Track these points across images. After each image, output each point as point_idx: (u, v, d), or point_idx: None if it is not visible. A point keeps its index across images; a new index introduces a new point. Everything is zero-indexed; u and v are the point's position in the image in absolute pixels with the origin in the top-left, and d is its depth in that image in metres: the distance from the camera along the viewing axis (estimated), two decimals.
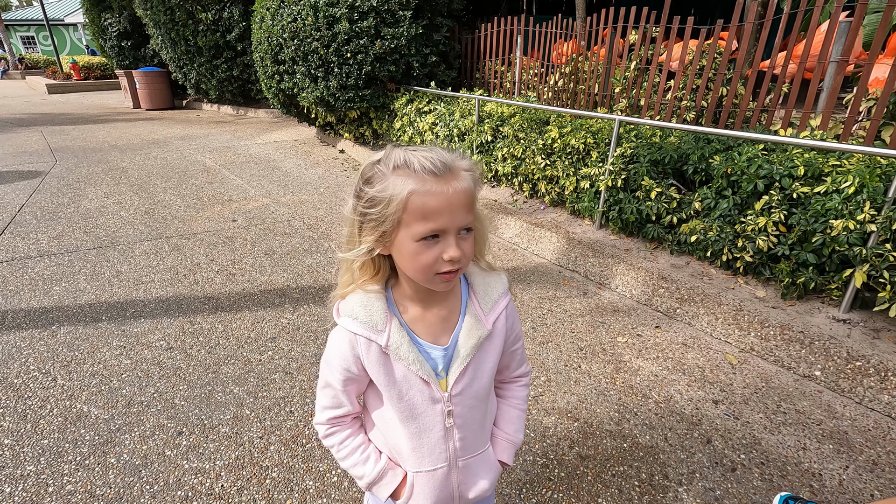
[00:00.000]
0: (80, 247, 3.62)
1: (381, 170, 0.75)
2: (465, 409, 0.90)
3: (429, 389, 0.86)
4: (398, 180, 0.73)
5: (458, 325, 0.88)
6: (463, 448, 0.93)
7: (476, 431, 0.94)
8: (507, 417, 1.04)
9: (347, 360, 0.85)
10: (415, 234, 0.74)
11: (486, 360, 0.90)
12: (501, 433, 1.03)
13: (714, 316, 2.63)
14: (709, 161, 2.99)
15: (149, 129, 8.90)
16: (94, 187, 5.16)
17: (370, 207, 0.75)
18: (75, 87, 16.85)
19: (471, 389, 0.89)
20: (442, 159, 0.75)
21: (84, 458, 1.77)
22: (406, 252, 0.76)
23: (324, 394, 0.92)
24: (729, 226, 2.81)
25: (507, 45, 5.53)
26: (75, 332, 2.54)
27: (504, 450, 1.03)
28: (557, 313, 2.81)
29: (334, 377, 0.88)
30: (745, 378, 2.27)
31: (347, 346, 0.84)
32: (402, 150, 0.75)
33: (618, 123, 3.34)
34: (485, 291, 0.91)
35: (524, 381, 1.06)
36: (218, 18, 9.18)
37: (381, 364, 0.84)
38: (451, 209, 0.75)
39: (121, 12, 12.22)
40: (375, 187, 0.74)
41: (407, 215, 0.73)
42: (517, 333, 0.98)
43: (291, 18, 5.65)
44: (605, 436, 1.92)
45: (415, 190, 0.72)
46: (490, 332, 0.89)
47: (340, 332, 0.85)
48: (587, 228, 3.69)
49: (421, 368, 0.84)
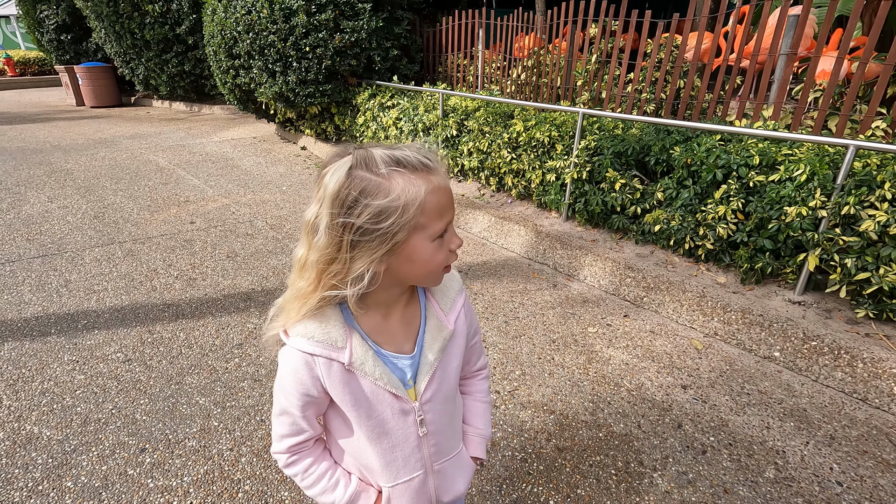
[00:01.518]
0: (22, 255, 3.39)
1: (371, 177, 0.67)
2: (437, 414, 0.88)
3: (399, 402, 0.83)
4: (405, 183, 0.68)
5: (420, 330, 0.85)
6: (437, 453, 0.91)
7: (448, 434, 0.93)
8: (474, 412, 1.03)
9: (305, 384, 0.78)
10: (433, 233, 0.71)
11: (451, 360, 0.88)
12: (472, 429, 1.02)
13: (679, 303, 2.71)
14: (669, 152, 3.07)
15: (94, 128, 8.42)
16: (37, 191, 4.83)
17: (378, 222, 0.67)
18: (10, 83, 15.75)
19: (440, 394, 0.87)
20: (426, 151, 0.73)
21: (37, 484, 1.65)
22: (421, 256, 0.72)
23: (280, 422, 0.84)
24: (690, 215, 2.89)
25: (469, 38, 5.51)
26: (21, 348, 2.37)
27: (477, 445, 1.02)
28: (529, 306, 2.83)
29: (291, 403, 0.80)
30: (711, 362, 2.35)
31: (304, 369, 0.77)
32: (380, 151, 0.69)
33: (581, 116, 3.38)
34: (442, 291, 0.88)
35: (484, 373, 1.05)
36: (166, 10, 8.75)
37: (346, 383, 0.79)
38: (451, 199, 0.75)
39: (58, 4, 11.47)
40: (381, 197, 0.67)
41: (424, 217, 0.69)
42: (475, 327, 0.97)
43: (245, 10, 5.43)
44: (581, 426, 1.95)
45: (428, 189, 0.69)
46: (453, 332, 0.87)
47: (293, 354, 0.77)
48: (554, 221, 3.73)
49: (389, 382, 0.80)
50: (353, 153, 0.69)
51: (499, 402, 2.07)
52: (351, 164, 0.68)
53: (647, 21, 3.65)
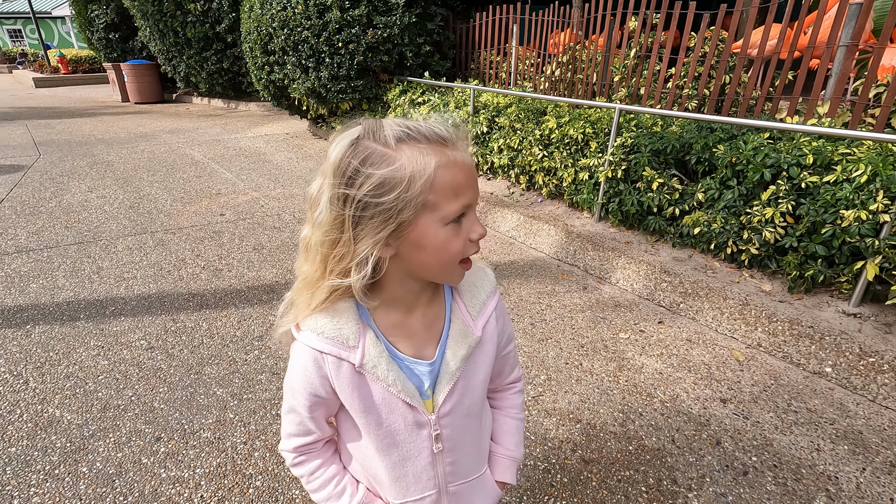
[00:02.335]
0: (60, 242, 3.48)
1: (376, 147, 0.60)
2: (456, 430, 0.78)
3: (413, 413, 0.74)
4: (414, 154, 0.59)
5: (443, 334, 0.75)
6: (454, 473, 0.81)
7: (469, 454, 0.82)
8: (504, 430, 0.91)
9: (313, 383, 0.72)
10: (446, 216, 0.61)
11: (477, 371, 0.77)
12: (500, 449, 0.91)
13: (719, 311, 2.54)
14: (712, 150, 2.89)
15: (136, 123, 8.71)
16: (78, 181, 5.00)
17: (380, 195, 0.58)
18: (63, 80, 16.54)
19: (461, 407, 0.77)
20: (446, 124, 0.63)
21: (54, 468, 1.65)
22: (433, 242, 0.62)
23: (289, 419, 0.78)
24: (734, 217, 2.71)
25: (503, 34, 5.40)
26: (51, 332, 2.42)
27: (505, 468, 0.90)
28: (557, 309, 2.71)
29: (299, 402, 0.74)
30: (754, 375, 2.18)
31: (313, 367, 0.71)
32: (391, 121, 0.62)
33: (618, 112, 3.23)
34: (471, 292, 0.77)
35: (518, 386, 0.93)
36: (207, 9, 8.97)
37: (356, 387, 0.71)
38: (474, 179, 0.65)
39: (108, 4, 11.95)
40: (383, 167, 0.58)
41: (435, 195, 0.60)
42: (509, 335, 0.85)
43: (281, 7, 5.49)
44: (610, 438, 1.82)
45: (440, 162, 0.60)
46: (480, 340, 0.76)
47: (303, 350, 0.71)
48: (586, 221, 3.58)
49: (403, 390, 0.71)
50: (362, 123, 0.62)
51: None
52: (358, 135, 0.61)
53: (692, 13, 3.47)
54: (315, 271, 0.67)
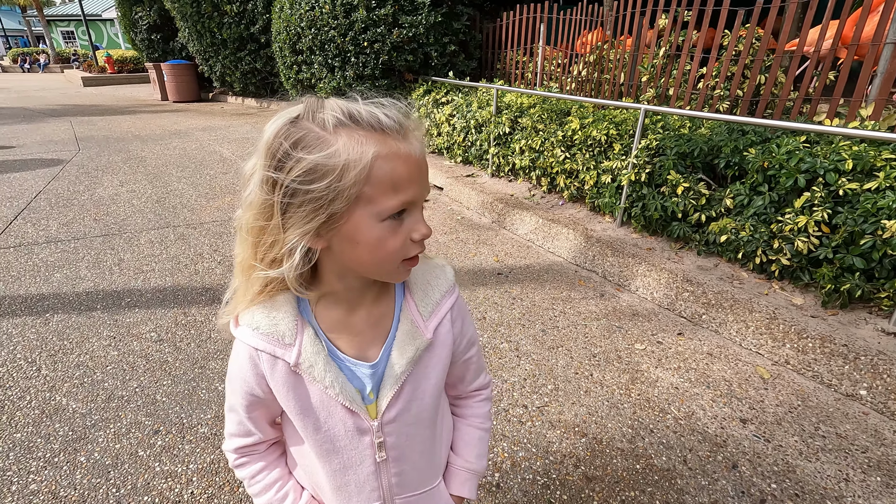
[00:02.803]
0: (87, 234, 3.59)
1: (312, 129, 0.55)
2: (403, 438, 0.72)
3: (353, 418, 0.68)
4: (350, 141, 0.54)
5: (390, 335, 0.69)
6: (400, 484, 0.75)
7: (419, 465, 0.76)
8: (465, 440, 0.84)
9: (249, 381, 0.68)
10: (382, 211, 0.56)
11: (427, 376, 0.71)
12: (459, 460, 0.84)
13: (744, 324, 2.39)
14: (743, 154, 2.73)
15: (172, 121, 8.99)
16: (111, 175, 5.17)
17: (309, 182, 0.54)
18: (109, 79, 17.29)
19: (408, 414, 0.71)
20: (395, 111, 0.58)
21: (54, 455, 1.68)
22: (367, 239, 0.57)
23: (229, 419, 0.74)
24: (764, 225, 2.55)
25: (530, 34, 5.30)
26: (68, 321, 2.48)
27: (463, 482, 0.83)
28: (570, 315, 2.61)
29: (237, 401, 0.71)
30: (779, 395, 2.03)
31: (248, 365, 0.67)
32: (335, 102, 0.57)
33: (643, 113, 3.10)
34: (424, 290, 0.71)
35: (485, 394, 0.86)
36: (242, 10, 9.19)
37: (291, 387, 0.66)
38: (421, 174, 0.59)
39: (151, 6, 12.42)
40: (315, 151, 0.53)
41: (370, 187, 0.55)
42: (469, 338, 0.78)
43: (309, 6, 5.55)
44: (616, 455, 1.72)
45: (379, 153, 0.54)
46: (431, 343, 0.70)
47: (240, 346, 0.67)
48: (607, 225, 3.46)
49: (342, 392, 0.66)
50: (305, 101, 0.57)
51: (525, 417, 1.89)
52: (298, 114, 0.56)
53: (725, 10, 3.30)
54: (248, 255, 0.62)
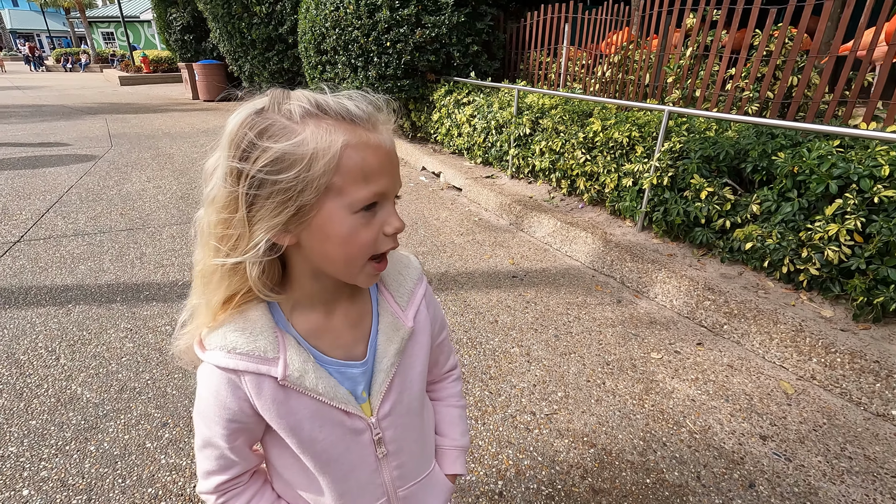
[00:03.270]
0: (113, 228, 3.69)
1: (277, 119, 0.53)
2: (398, 430, 0.72)
3: (350, 420, 0.67)
4: (318, 129, 0.52)
5: (372, 330, 0.68)
6: (402, 476, 0.75)
7: (415, 453, 0.76)
8: (447, 420, 0.86)
9: (230, 408, 0.62)
10: (354, 202, 0.54)
11: (413, 365, 0.72)
12: (446, 441, 0.85)
13: (768, 335, 2.28)
14: (772, 158, 2.62)
15: (201, 119, 9.21)
16: (140, 171, 5.32)
17: (276, 172, 0.52)
18: (144, 79, 17.85)
19: (401, 406, 0.71)
20: (364, 102, 0.56)
21: (65, 444, 1.71)
22: (338, 231, 0.55)
23: (204, 455, 0.67)
24: (792, 233, 2.44)
25: (554, 34, 5.23)
26: (88, 312, 2.54)
27: (454, 460, 0.85)
28: (585, 321, 2.54)
29: (215, 433, 0.64)
30: (803, 411, 1.93)
31: (227, 390, 0.61)
32: (301, 93, 0.55)
33: (667, 115, 3.01)
34: (397, 281, 0.72)
35: (455, 374, 0.90)
36: (271, 11, 9.35)
37: (281, 403, 0.62)
38: (392, 166, 0.58)
39: (185, 7, 12.76)
40: (282, 140, 0.52)
41: (340, 177, 0.53)
42: (441, 321, 0.80)
43: (334, 7, 5.59)
44: (626, 467, 1.66)
45: (349, 142, 0.53)
46: (413, 331, 0.71)
47: (212, 372, 0.61)
48: (627, 230, 3.37)
49: (335, 397, 0.64)
50: (269, 93, 0.55)
51: (532, 425, 1.84)
52: (262, 106, 0.54)
53: (756, 8, 3.18)
54: (208, 261, 0.59)
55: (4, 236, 3.49)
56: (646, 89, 4.23)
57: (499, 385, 2.05)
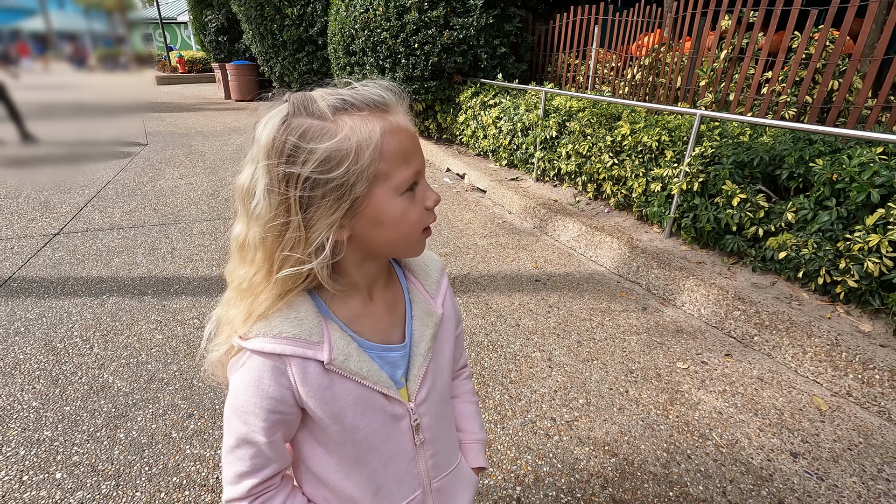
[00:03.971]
0: (146, 223, 3.81)
1: (312, 122, 0.55)
2: (433, 417, 0.73)
3: (391, 404, 0.68)
4: (356, 122, 0.55)
5: (407, 316, 0.71)
6: (435, 466, 0.76)
7: (446, 443, 0.79)
8: (466, 415, 0.89)
9: (273, 396, 0.60)
10: (399, 184, 0.58)
11: (443, 351, 0.75)
12: (467, 435, 0.88)
13: (801, 349, 2.20)
14: (809, 165, 2.53)
15: (233, 118, 9.44)
16: (173, 168, 5.48)
17: (327, 171, 0.53)
18: (180, 79, 18.38)
19: (435, 392, 0.73)
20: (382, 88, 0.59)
21: (97, 430, 1.77)
22: (391, 215, 0.58)
23: (236, 457, 0.63)
24: (829, 242, 2.34)
25: (583, 36, 5.17)
26: (121, 304, 2.63)
27: (477, 453, 0.88)
28: (609, 328, 2.50)
29: (255, 428, 0.61)
30: (837, 429, 1.85)
31: (270, 378, 0.60)
32: (323, 91, 0.58)
33: (698, 119, 2.94)
34: (424, 271, 0.75)
35: (467, 371, 0.93)
36: (302, 13, 9.52)
37: (326, 388, 0.62)
38: (419, 144, 0.62)
39: (220, 9, 13.10)
40: (326, 139, 0.53)
41: (385, 164, 0.56)
42: (458, 314, 0.83)
43: (363, 9, 5.65)
44: (648, 478, 1.63)
45: (385, 128, 0.56)
46: (442, 317, 0.74)
47: (254, 360, 0.60)
48: (655, 236, 3.30)
49: (378, 381, 0.65)
50: (289, 98, 0.56)
51: (553, 431, 1.82)
52: (287, 111, 0.55)
53: (796, 10, 3.07)
54: (257, 272, 0.59)
55: (45, 228, 3.64)
56: (677, 92, 4.14)
57: (519, 389, 2.03)
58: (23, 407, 1.87)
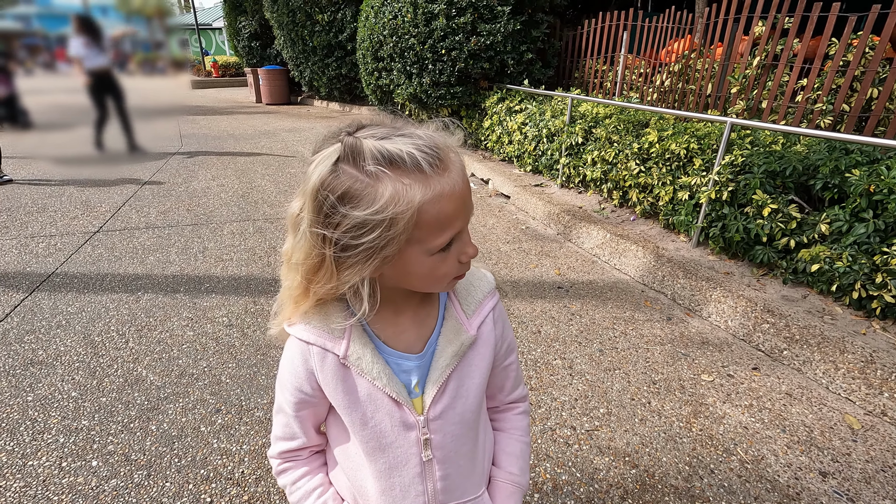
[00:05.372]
0: (179, 222, 3.95)
1: (356, 179, 0.55)
2: (448, 437, 0.72)
3: (400, 411, 0.70)
4: (396, 188, 0.54)
5: (435, 331, 0.72)
6: (446, 490, 0.74)
7: (464, 471, 0.75)
8: (507, 452, 0.84)
9: (299, 376, 0.70)
10: (431, 248, 0.59)
11: (471, 373, 0.73)
12: (502, 473, 0.83)
13: (833, 364, 2.14)
14: (845, 175, 2.46)
15: (263, 122, 9.68)
16: (205, 170, 5.65)
17: (359, 237, 0.56)
18: (213, 83, 18.94)
19: (454, 412, 0.72)
20: (433, 143, 0.58)
21: (130, 421, 1.85)
22: (418, 270, 0.61)
23: (277, 421, 0.77)
24: (865, 256, 2.27)
25: (612, 41, 5.13)
26: (155, 300, 2.73)
27: (508, 495, 0.82)
28: (632, 337, 2.47)
29: (286, 399, 0.73)
30: (870, 449, 1.79)
31: (300, 360, 0.70)
32: (371, 144, 0.56)
33: (729, 126, 2.88)
34: (467, 291, 0.75)
35: (522, 406, 0.87)
36: (332, 19, 9.71)
37: (340, 380, 0.69)
38: (465, 205, 0.61)
39: (253, 15, 13.47)
40: (363, 207, 0.54)
41: (420, 231, 0.57)
42: (510, 343, 0.79)
43: (392, 15, 5.74)
44: (669, 492, 1.60)
45: (425, 197, 0.55)
46: (474, 340, 0.72)
47: (293, 342, 0.71)
48: (681, 245, 3.25)
49: (389, 384, 0.68)
50: (342, 140, 0.57)
51: (572, 439, 1.81)
52: (338, 156, 0.56)
53: (834, 16, 2.99)
54: (298, 287, 0.66)
55: (86, 226, 3.81)
56: (707, 99, 4.07)
57: (539, 397, 2.03)
58: (63, 397, 1.97)
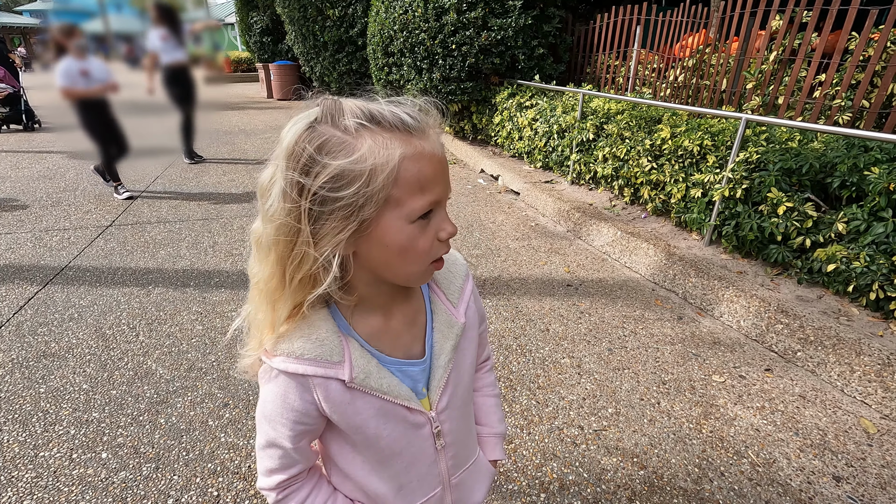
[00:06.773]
0: (190, 217, 3.98)
1: (334, 133, 0.53)
2: (454, 421, 0.75)
3: (411, 415, 0.69)
4: (375, 143, 0.53)
5: (427, 328, 0.71)
6: (455, 465, 0.78)
7: (465, 442, 0.81)
8: (485, 409, 0.91)
9: (297, 410, 0.64)
10: (411, 213, 0.56)
11: (465, 358, 0.75)
12: (486, 429, 0.90)
13: (849, 367, 2.09)
14: (864, 173, 2.40)
15: (274, 117, 9.72)
16: (216, 165, 5.69)
17: (337, 189, 0.53)
18: (225, 78, 19.06)
19: (456, 398, 0.74)
20: (414, 109, 0.57)
21: (140, 414, 1.87)
22: (397, 241, 0.56)
23: (267, 455, 0.68)
24: (884, 256, 2.22)
25: (624, 36, 5.06)
26: (165, 294, 2.75)
27: (494, 446, 0.90)
28: (642, 337, 2.44)
29: (281, 435, 0.65)
30: (886, 454, 1.75)
31: (295, 394, 0.63)
32: (353, 103, 0.55)
33: (744, 123, 2.83)
34: (447, 279, 0.74)
35: (489, 363, 0.93)
36: (343, 15, 9.70)
37: (348, 404, 0.64)
38: (444, 173, 0.59)
39: (265, 11, 13.51)
40: (342, 156, 0.52)
41: (399, 190, 0.54)
42: (482, 313, 0.82)
43: (403, 10, 5.71)
44: (678, 494, 1.58)
45: (406, 154, 0.54)
46: (465, 326, 0.73)
47: (279, 377, 0.63)
48: (693, 243, 3.20)
49: (399, 395, 0.67)
50: (321, 104, 0.56)
51: (580, 439, 1.79)
52: (315, 117, 0.55)
53: (854, 9, 2.91)
54: (271, 277, 0.59)
55: (99, 220, 3.85)
56: (721, 95, 4.00)
57: (547, 395, 2.02)
58: (74, 389, 1.99)
